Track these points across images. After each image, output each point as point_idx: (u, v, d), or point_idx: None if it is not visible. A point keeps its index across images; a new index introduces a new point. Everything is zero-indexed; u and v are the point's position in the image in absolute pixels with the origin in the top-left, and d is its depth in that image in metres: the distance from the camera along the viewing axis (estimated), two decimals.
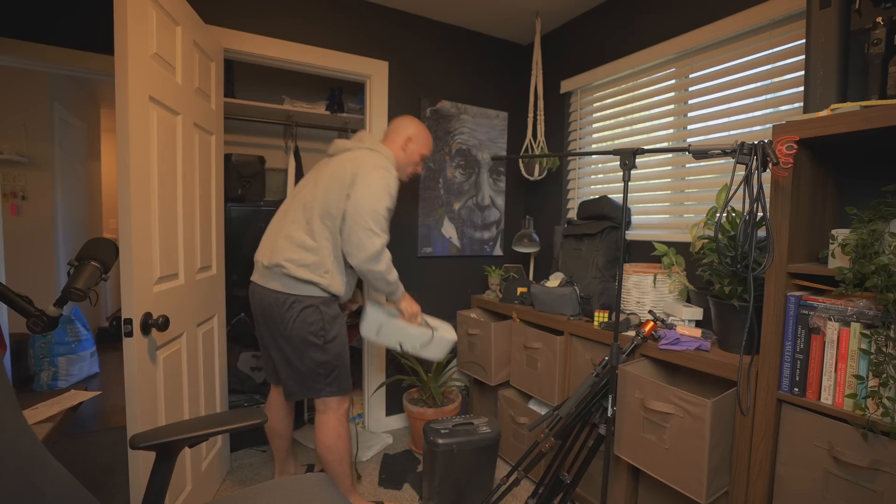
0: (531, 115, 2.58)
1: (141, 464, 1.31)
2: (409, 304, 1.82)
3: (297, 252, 1.61)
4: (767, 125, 1.67)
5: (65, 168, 3.62)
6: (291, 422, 1.92)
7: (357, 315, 1.93)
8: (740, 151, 1.11)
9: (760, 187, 1.10)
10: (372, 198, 1.58)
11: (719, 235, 1.43)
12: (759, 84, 1.69)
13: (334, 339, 1.67)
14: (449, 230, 2.69)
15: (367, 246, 1.58)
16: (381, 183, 1.61)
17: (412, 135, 1.81)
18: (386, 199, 1.61)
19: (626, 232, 2.18)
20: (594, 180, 2.48)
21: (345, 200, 1.60)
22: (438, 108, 2.60)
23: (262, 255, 1.69)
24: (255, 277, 1.73)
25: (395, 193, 1.67)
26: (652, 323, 1.53)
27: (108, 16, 1.89)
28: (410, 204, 2.58)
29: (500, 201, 2.85)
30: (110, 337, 4.12)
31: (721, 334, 1.47)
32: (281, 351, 1.66)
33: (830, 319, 1.12)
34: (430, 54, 2.60)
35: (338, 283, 1.66)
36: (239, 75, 2.81)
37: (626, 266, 1.90)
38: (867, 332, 1.06)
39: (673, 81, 2.02)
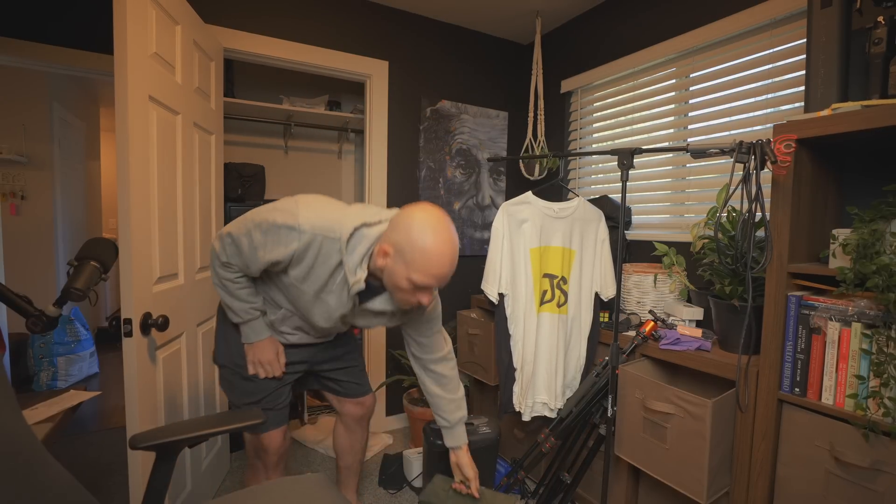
0: (531, 114, 2.58)
1: (140, 464, 1.31)
2: (255, 352, 1.32)
3: None
4: (768, 125, 1.67)
5: (64, 168, 3.61)
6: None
7: None
8: (738, 150, 1.11)
9: (759, 186, 1.10)
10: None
11: (719, 235, 1.42)
12: (759, 83, 1.69)
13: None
14: None
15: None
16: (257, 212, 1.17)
17: (396, 243, 1.07)
18: (245, 224, 1.16)
19: (627, 232, 2.17)
20: (595, 180, 2.48)
21: None
22: (438, 107, 2.60)
23: None
24: None
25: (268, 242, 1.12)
26: (652, 323, 1.53)
27: (108, 15, 1.89)
28: None
29: (501, 201, 2.85)
30: (110, 337, 4.12)
31: (722, 334, 1.47)
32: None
33: (831, 319, 1.12)
34: (430, 54, 2.59)
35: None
36: (238, 75, 2.81)
37: (627, 266, 1.90)
38: (868, 332, 1.06)
39: (673, 81, 2.02)
